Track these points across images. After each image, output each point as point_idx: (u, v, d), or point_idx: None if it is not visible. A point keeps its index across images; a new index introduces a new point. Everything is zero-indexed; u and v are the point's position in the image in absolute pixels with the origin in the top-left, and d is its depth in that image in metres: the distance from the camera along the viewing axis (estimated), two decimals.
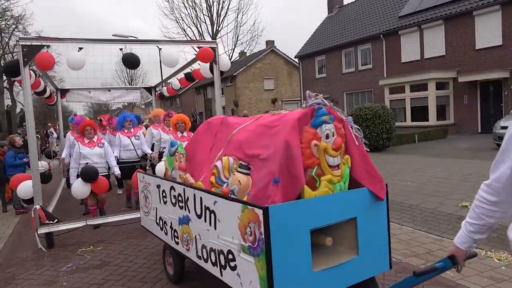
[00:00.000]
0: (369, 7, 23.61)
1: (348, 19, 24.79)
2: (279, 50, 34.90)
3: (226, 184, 2.83)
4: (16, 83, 37.50)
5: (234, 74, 31.74)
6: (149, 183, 3.94)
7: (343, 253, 2.67)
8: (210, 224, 2.71)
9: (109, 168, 6.21)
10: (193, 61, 7.27)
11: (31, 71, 5.54)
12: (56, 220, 5.06)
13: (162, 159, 6.12)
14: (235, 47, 21.25)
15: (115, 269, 4.26)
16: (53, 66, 5.07)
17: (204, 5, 20.09)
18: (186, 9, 20.04)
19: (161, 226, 3.65)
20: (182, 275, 3.73)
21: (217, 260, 2.67)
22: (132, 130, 7.05)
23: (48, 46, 5.00)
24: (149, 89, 10.50)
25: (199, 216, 2.85)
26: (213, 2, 19.70)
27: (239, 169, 2.81)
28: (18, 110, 37.59)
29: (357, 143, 2.77)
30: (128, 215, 5.47)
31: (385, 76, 19.94)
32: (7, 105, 35.53)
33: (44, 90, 7.85)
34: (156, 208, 3.75)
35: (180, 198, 3.17)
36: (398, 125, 15.28)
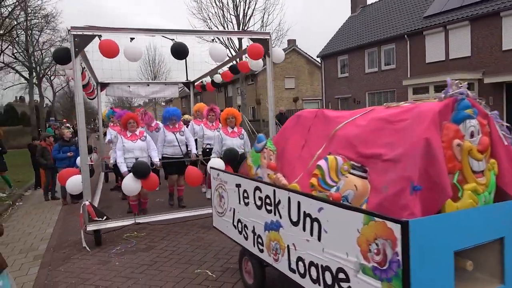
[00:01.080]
0: (393, 7, 23.51)
1: (371, 19, 24.74)
2: (300, 49, 35.01)
3: (335, 188, 2.44)
4: (51, 76, 38.71)
5: (255, 73, 32.06)
6: (225, 181, 3.57)
7: (483, 281, 2.18)
8: (312, 234, 2.32)
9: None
10: (239, 55, 7.12)
11: None
12: (105, 217, 4.95)
13: (211, 156, 6.10)
14: None
15: (161, 252, 4.65)
16: (117, 54, 4.90)
17: (231, 5, 20.39)
18: (214, 9, 20.40)
19: (240, 230, 3.29)
20: (264, 285, 3.31)
21: (321, 277, 2.28)
22: (177, 125, 6.71)
23: (100, 36, 4.86)
24: (187, 84, 10.53)
25: (295, 223, 2.46)
26: (240, 2, 20.01)
27: (352, 171, 2.42)
28: (44, 105, 38.64)
29: (505, 143, 2.32)
30: (174, 214, 5.47)
31: (408, 76, 19.88)
32: (35, 100, 36.73)
33: (88, 83, 7.74)
34: (234, 210, 3.39)
35: (268, 201, 2.79)
36: None
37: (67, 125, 35.94)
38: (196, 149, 6.99)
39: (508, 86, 16.01)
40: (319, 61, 28.71)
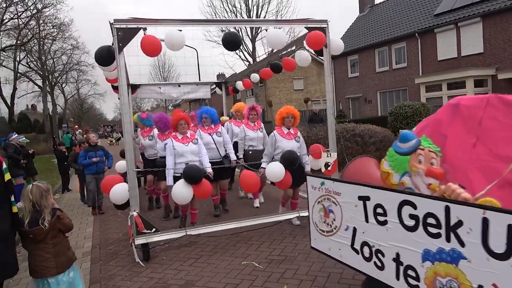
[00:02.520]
0: (402, 6, 23.62)
1: (380, 18, 24.87)
2: (308, 50, 35.12)
3: None
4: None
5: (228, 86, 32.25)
6: (337, 192, 2.80)
7: None
8: None
9: None
10: (297, 42, 6.08)
11: None
12: (154, 229, 4.53)
13: (262, 160, 5.52)
14: (274, 49, 21.71)
15: (204, 247, 4.86)
16: (160, 51, 4.38)
17: (244, 9, 20.69)
18: (227, 13, 20.71)
19: (367, 256, 2.55)
20: None
21: None
22: (212, 126, 6.14)
23: (145, 29, 4.38)
24: (219, 84, 10.21)
25: (500, 257, 1.74)
26: (253, 6, 20.33)
27: None
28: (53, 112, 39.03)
29: None
30: (227, 225, 4.95)
31: (420, 74, 19.96)
32: (48, 108, 37.21)
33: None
34: (355, 229, 2.65)
35: (432, 221, 2.06)
36: None
37: (79, 131, 36.32)
38: (237, 152, 6.54)
39: None
40: None
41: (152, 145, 6.82)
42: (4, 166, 2.92)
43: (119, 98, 9.52)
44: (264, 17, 21.15)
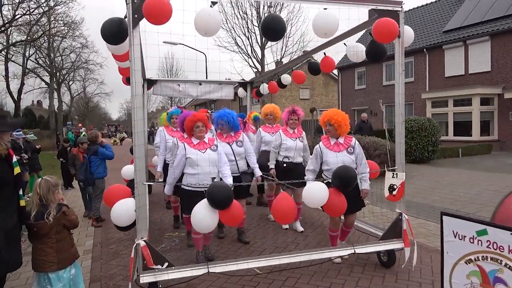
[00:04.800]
0: (411, 21, 23.71)
1: None
2: (316, 60, 35.31)
3: None
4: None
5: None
6: None
7: None
8: None
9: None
10: (364, 26, 4.41)
11: None
12: (166, 263, 3.40)
13: (307, 179, 4.30)
14: (282, 57, 21.84)
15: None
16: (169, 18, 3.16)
17: (256, 16, 20.85)
18: (238, 20, 20.89)
19: None
20: None
21: None
22: (232, 133, 5.04)
23: None
24: (244, 85, 9.00)
25: None
26: (264, 13, 20.47)
27: None
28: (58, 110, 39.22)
29: None
30: (254, 260, 3.67)
31: (427, 89, 19.97)
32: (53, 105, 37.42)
33: None
34: None
35: None
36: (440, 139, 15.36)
37: (83, 129, 36.52)
38: (268, 162, 5.50)
39: None
40: (335, 72, 28.93)
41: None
42: (14, 159, 2.93)
43: (154, 93, 7.42)
44: None
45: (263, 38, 20.50)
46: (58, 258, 3.04)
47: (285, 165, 5.39)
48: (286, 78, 7.69)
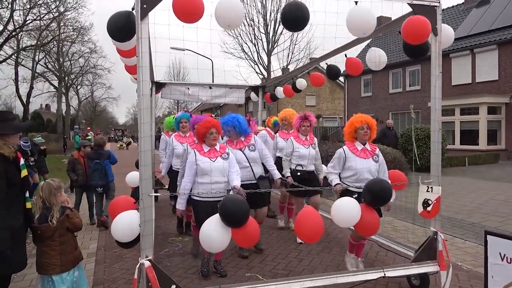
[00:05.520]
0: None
1: (395, 40, 24.96)
2: (322, 68, 35.40)
3: None
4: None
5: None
6: None
7: None
8: None
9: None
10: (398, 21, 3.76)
11: None
12: (174, 286, 2.99)
13: (333, 179, 3.96)
14: (289, 63, 21.95)
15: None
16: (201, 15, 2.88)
17: (262, 23, 21.02)
18: (245, 27, 21.08)
19: None
20: None
21: None
22: (242, 138, 4.73)
23: None
24: (255, 89, 8.68)
25: None
26: (270, 20, 20.64)
27: None
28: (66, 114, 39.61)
29: None
30: (271, 284, 3.18)
31: None
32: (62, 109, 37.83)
33: None
34: None
35: None
36: (446, 147, 15.28)
37: (90, 133, 36.68)
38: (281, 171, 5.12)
39: None
40: (341, 79, 28.96)
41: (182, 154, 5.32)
42: (22, 162, 2.98)
43: (162, 97, 6.74)
44: (281, 32, 21.37)
45: (270, 45, 20.66)
46: (61, 260, 3.07)
47: (299, 173, 5.12)
48: (301, 82, 7.33)
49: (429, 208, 3.49)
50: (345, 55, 5.11)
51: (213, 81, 22.57)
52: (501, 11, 18.32)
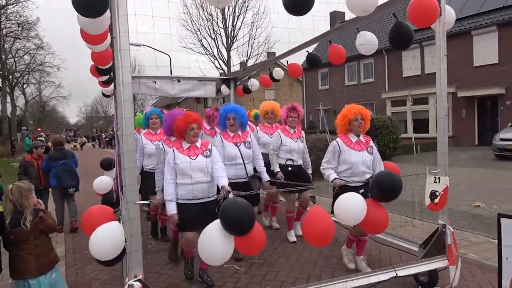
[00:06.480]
0: (370, 25, 24.69)
1: (350, 35, 25.84)
2: (280, 62, 35.79)
3: None
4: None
5: (237, 84, 32.55)
6: None
7: None
8: None
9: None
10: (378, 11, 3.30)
11: None
12: None
13: (330, 174, 3.78)
14: (248, 58, 22.03)
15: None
16: None
17: (221, 17, 20.93)
18: (204, 22, 20.88)
19: None
20: None
21: None
22: (240, 133, 4.49)
23: None
24: (227, 81, 8.01)
25: None
26: (229, 15, 20.57)
27: None
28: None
29: None
30: None
31: (386, 89, 20.87)
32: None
33: (110, 69, 3.99)
34: None
35: None
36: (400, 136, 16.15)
37: (41, 134, 34.70)
38: (270, 167, 4.85)
39: (479, 100, 17.17)
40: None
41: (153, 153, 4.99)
42: None
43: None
44: (240, 26, 21.42)
45: (229, 39, 20.64)
46: (38, 264, 2.99)
47: (290, 168, 4.82)
48: (279, 72, 6.96)
49: (436, 200, 3.31)
50: (307, 51, 5.21)
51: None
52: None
